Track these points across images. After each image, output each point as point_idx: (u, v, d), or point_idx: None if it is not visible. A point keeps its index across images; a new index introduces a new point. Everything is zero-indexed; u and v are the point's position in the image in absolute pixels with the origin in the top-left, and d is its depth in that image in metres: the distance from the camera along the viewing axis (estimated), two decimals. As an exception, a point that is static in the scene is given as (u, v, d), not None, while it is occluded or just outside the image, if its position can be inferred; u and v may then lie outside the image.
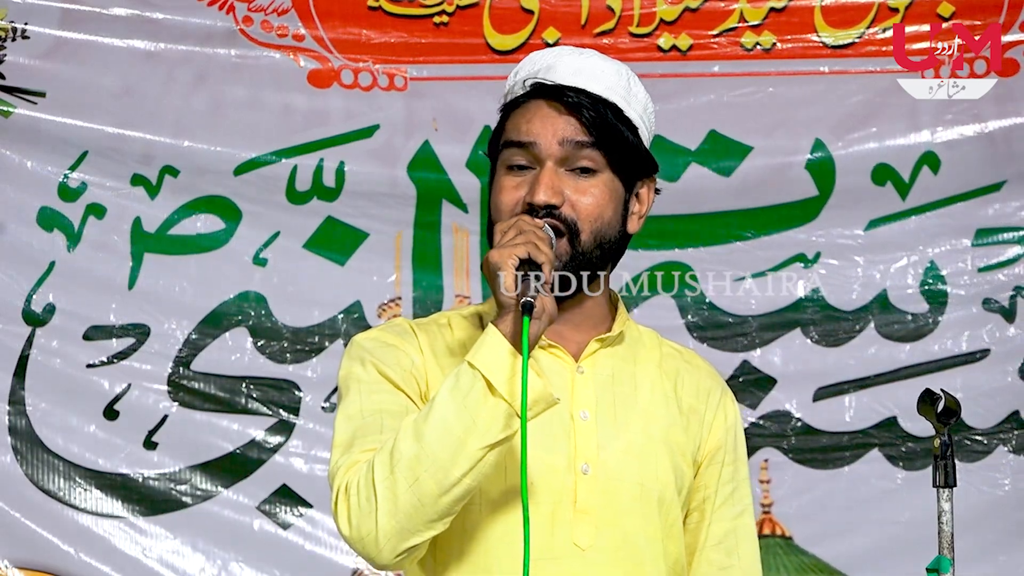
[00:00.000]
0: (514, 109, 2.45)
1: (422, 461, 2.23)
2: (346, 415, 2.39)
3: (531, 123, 2.41)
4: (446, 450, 2.23)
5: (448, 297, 4.54)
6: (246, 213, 4.52)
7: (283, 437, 4.51)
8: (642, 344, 2.56)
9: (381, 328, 2.49)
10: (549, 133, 2.40)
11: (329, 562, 4.48)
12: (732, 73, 4.51)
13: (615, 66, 2.48)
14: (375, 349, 2.43)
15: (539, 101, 2.42)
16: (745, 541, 2.57)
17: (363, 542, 2.27)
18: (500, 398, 2.23)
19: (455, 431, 2.23)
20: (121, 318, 4.51)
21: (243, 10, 4.49)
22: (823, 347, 4.55)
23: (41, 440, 4.48)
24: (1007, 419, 4.54)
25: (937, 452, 2.46)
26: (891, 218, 4.55)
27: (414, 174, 4.51)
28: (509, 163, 2.43)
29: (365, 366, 2.42)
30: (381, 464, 2.25)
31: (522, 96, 2.45)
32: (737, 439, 2.59)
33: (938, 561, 2.43)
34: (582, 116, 2.40)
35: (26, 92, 4.46)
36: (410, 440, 2.24)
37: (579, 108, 2.40)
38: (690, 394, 2.54)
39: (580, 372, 2.46)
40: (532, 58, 2.49)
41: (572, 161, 2.41)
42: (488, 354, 2.25)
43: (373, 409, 2.37)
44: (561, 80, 2.42)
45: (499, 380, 2.24)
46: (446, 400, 2.25)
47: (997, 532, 4.50)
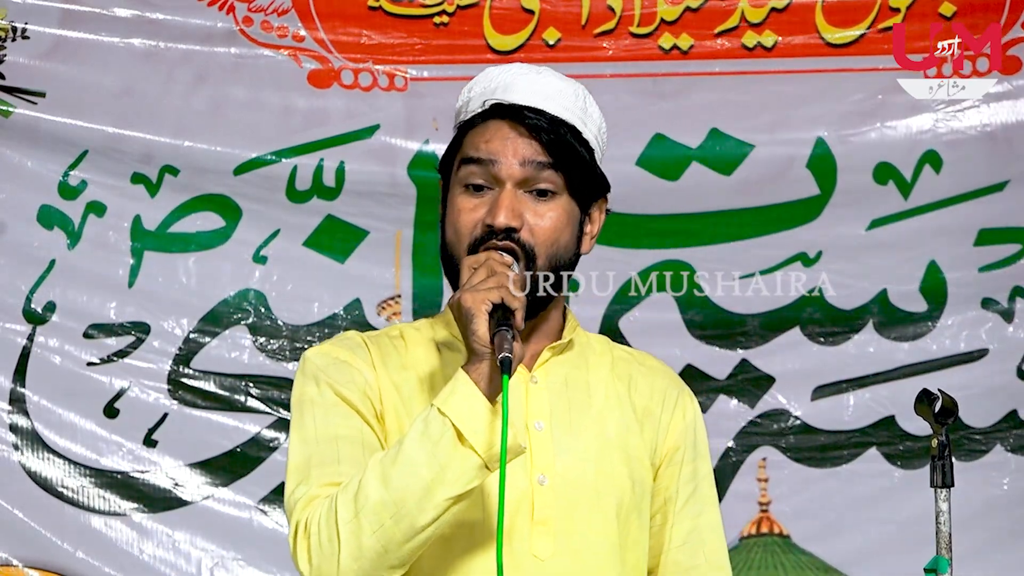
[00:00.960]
0: (471, 128, 2.43)
1: (388, 507, 2.22)
2: (301, 438, 2.38)
3: (491, 143, 2.40)
4: (413, 498, 2.21)
5: (447, 295, 4.52)
6: (246, 211, 4.52)
7: (282, 435, 4.51)
8: (592, 350, 2.55)
9: (333, 342, 2.47)
10: (510, 153, 2.39)
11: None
12: (733, 72, 4.51)
13: (572, 86, 2.47)
14: (328, 367, 2.41)
15: (498, 121, 2.40)
16: (710, 538, 2.56)
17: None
18: (470, 448, 2.22)
19: (423, 479, 2.21)
20: (121, 316, 4.51)
21: (243, 10, 4.49)
22: (822, 346, 4.56)
23: (41, 438, 4.48)
24: (1005, 418, 4.54)
25: (935, 452, 2.47)
26: (893, 218, 4.55)
27: (414, 173, 4.51)
28: (466, 182, 2.41)
29: (319, 386, 2.40)
30: (345, 505, 2.24)
31: (479, 115, 2.43)
32: (697, 436, 2.58)
33: (936, 561, 2.44)
34: (542, 137, 2.38)
35: (26, 92, 4.46)
36: (377, 484, 2.23)
37: (539, 129, 2.38)
38: (644, 396, 2.53)
39: (534, 382, 2.45)
40: (487, 75, 2.47)
41: (531, 183, 2.40)
42: (459, 403, 2.23)
43: (329, 435, 2.36)
44: (519, 100, 2.40)
45: (470, 430, 2.22)
46: (415, 446, 2.23)
47: (995, 531, 4.50)
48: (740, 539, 4.51)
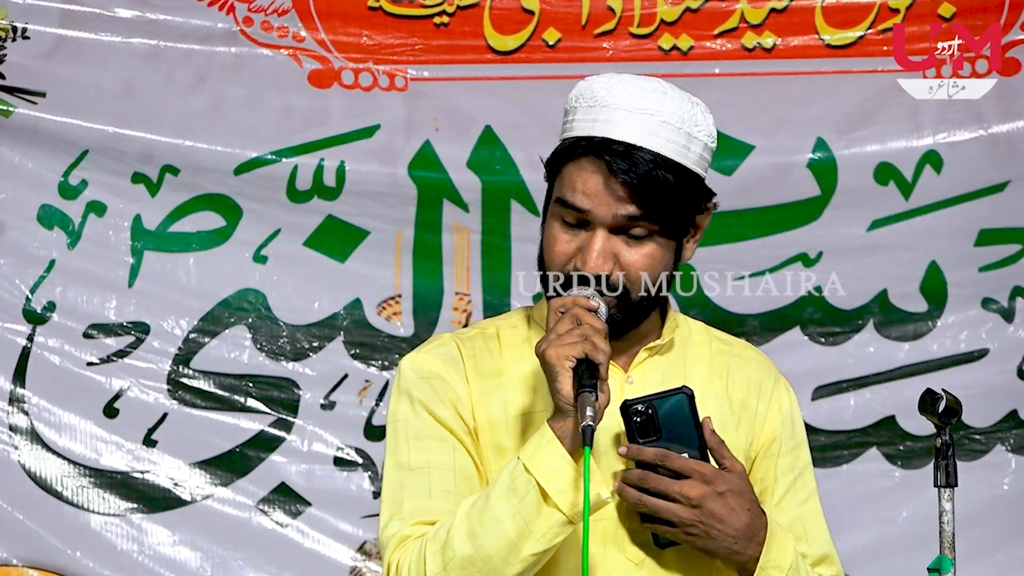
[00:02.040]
0: (570, 159, 2.43)
1: (475, 564, 2.26)
2: (395, 463, 2.42)
3: (586, 190, 2.40)
4: (499, 554, 2.26)
5: (448, 295, 4.54)
6: (246, 211, 4.51)
7: (282, 435, 4.51)
8: (692, 344, 2.57)
9: (428, 351, 2.48)
10: (603, 206, 2.39)
11: (328, 560, 4.48)
12: (733, 73, 4.51)
13: (679, 105, 2.43)
14: (420, 383, 2.44)
15: (595, 162, 2.39)
16: (813, 526, 2.57)
17: None
18: (555, 507, 2.25)
19: (509, 535, 2.26)
20: (121, 316, 4.51)
21: (243, 11, 4.48)
22: (823, 346, 4.55)
23: (41, 438, 4.47)
24: (1005, 418, 4.54)
25: (938, 452, 2.47)
26: (894, 218, 4.54)
27: (415, 174, 4.51)
28: (562, 216, 2.42)
29: (413, 404, 2.43)
30: (433, 558, 2.28)
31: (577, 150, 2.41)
32: (795, 427, 2.60)
33: (939, 561, 2.44)
34: (635, 192, 2.38)
35: (26, 92, 4.45)
36: (464, 539, 2.27)
37: (633, 184, 2.37)
38: (741, 388, 2.54)
39: (629, 382, 2.47)
40: (593, 86, 2.45)
41: (625, 228, 2.41)
42: (544, 461, 2.27)
43: (421, 461, 2.39)
44: (618, 134, 2.39)
45: (554, 490, 2.26)
46: (501, 502, 2.27)
47: (996, 531, 4.50)
48: (741, 539, 4.50)
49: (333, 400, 4.52)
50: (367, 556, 4.48)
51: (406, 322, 4.54)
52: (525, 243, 4.49)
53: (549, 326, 2.32)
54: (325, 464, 4.50)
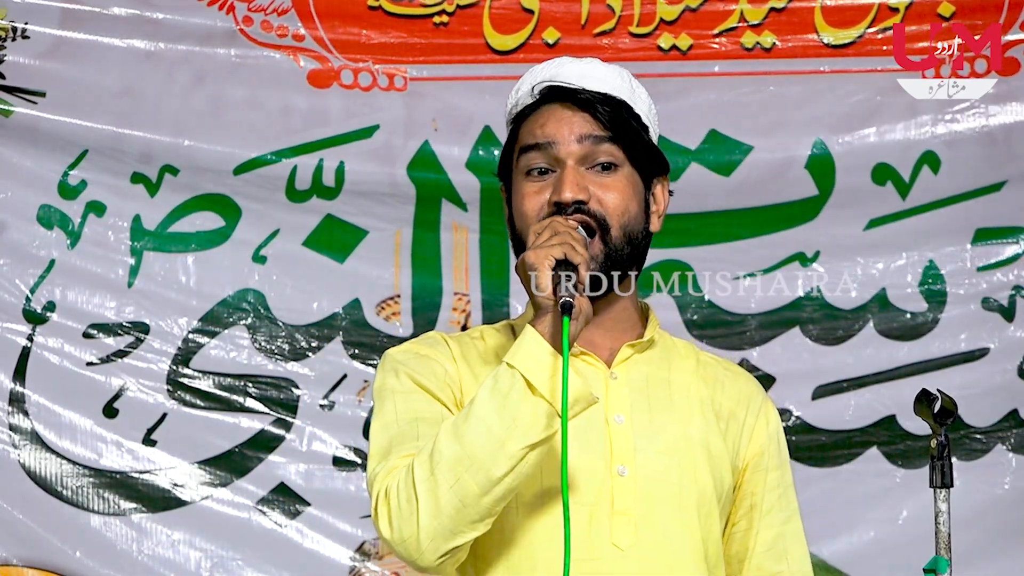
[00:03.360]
0: (524, 119, 2.47)
1: (463, 461, 2.24)
2: (382, 423, 2.41)
3: (546, 126, 2.44)
4: (487, 450, 2.24)
5: (447, 295, 4.54)
6: (245, 211, 4.52)
7: (281, 435, 4.51)
8: (677, 352, 2.57)
9: (413, 341, 2.51)
10: (566, 131, 2.42)
11: (327, 560, 4.48)
12: (732, 72, 4.51)
13: (617, 69, 2.50)
14: (408, 360, 2.45)
15: (551, 105, 2.45)
16: (794, 545, 2.58)
17: (404, 544, 2.28)
18: (540, 397, 2.25)
19: (496, 431, 2.24)
20: (120, 316, 4.51)
21: (243, 10, 4.49)
22: (822, 346, 4.55)
23: (41, 438, 4.48)
24: (1006, 418, 4.54)
25: (934, 452, 2.47)
26: (891, 218, 4.54)
27: (413, 174, 4.51)
28: (528, 168, 2.44)
29: (399, 376, 2.43)
30: (421, 465, 2.27)
31: (531, 104, 2.47)
32: (780, 445, 2.60)
33: (935, 561, 2.44)
34: (596, 112, 2.42)
35: (26, 92, 4.46)
36: (450, 440, 2.26)
37: (592, 104, 2.43)
38: (731, 399, 2.55)
39: (613, 378, 2.47)
40: (533, 71, 2.51)
41: (592, 158, 2.43)
42: (527, 354, 2.26)
43: (409, 417, 2.39)
44: (568, 83, 2.44)
45: (539, 379, 2.25)
46: (485, 400, 2.26)
47: (996, 530, 4.49)
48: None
49: (332, 400, 4.52)
50: (366, 556, 4.49)
51: (405, 322, 4.54)
52: (524, 243, 4.49)
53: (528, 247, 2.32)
54: (324, 464, 4.51)
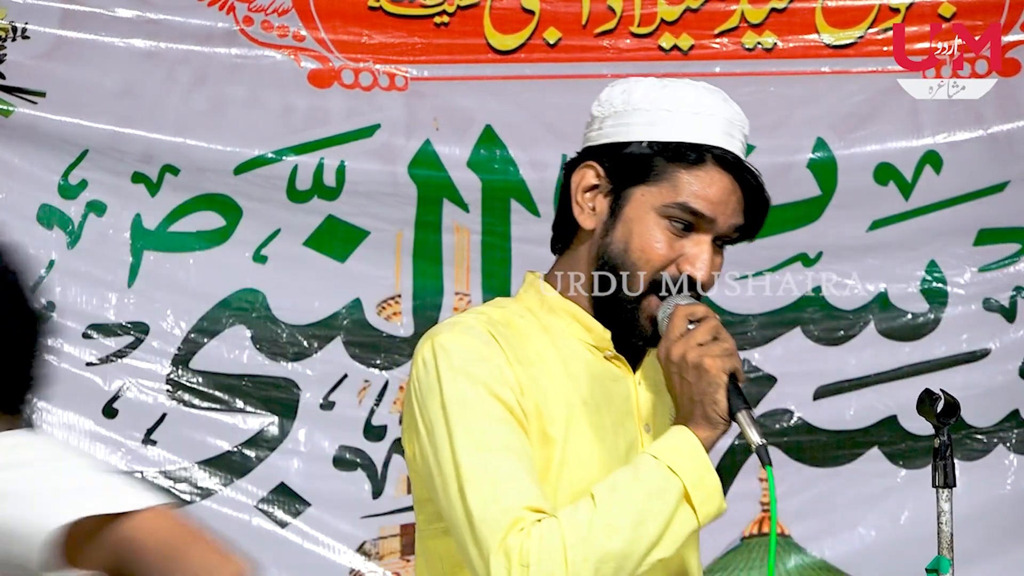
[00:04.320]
0: (686, 162, 2.43)
1: (615, 559, 2.24)
2: (473, 445, 2.31)
3: (716, 198, 2.41)
4: (639, 554, 2.24)
5: (448, 295, 4.54)
6: (246, 211, 4.51)
7: (282, 435, 4.50)
8: None
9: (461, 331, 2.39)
10: (725, 216, 2.42)
11: (327, 561, 4.47)
12: (733, 73, 4.51)
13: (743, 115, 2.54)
14: (475, 364, 2.36)
15: (721, 172, 2.43)
16: None
17: None
18: (694, 514, 2.27)
19: (651, 537, 2.25)
20: (120, 316, 4.50)
21: (243, 10, 4.48)
22: (823, 346, 4.55)
23: (40, 438, 4.47)
24: (1007, 418, 4.54)
25: (936, 452, 2.47)
26: (894, 218, 4.54)
27: (415, 173, 4.51)
28: (674, 216, 2.42)
29: (475, 386, 2.34)
30: (575, 548, 2.23)
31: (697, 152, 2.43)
32: None
33: (937, 561, 2.44)
34: (751, 208, 2.44)
35: (26, 92, 4.45)
36: (607, 533, 2.24)
37: (752, 199, 2.44)
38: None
39: (639, 384, 2.49)
40: (686, 95, 2.46)
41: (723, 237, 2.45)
42: (690, 467, 2.27)
43: (501, 445, 2.32)
44: (729, 145, 2.45)
45: (699, 497, 2.27)
46: (645, 502, 2.26)
47: (998, 531, 4.49)
48: (741, 539, 4.51)
49: (332, 400, 4.51)
50: (366, 556, 4.48)
51: (406, 322, 4.53)
52: (525, 243, 4.49)
53: (673, 331, 2.33)
54: (324, 464, 4.50)
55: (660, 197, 2.42)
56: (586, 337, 2.45)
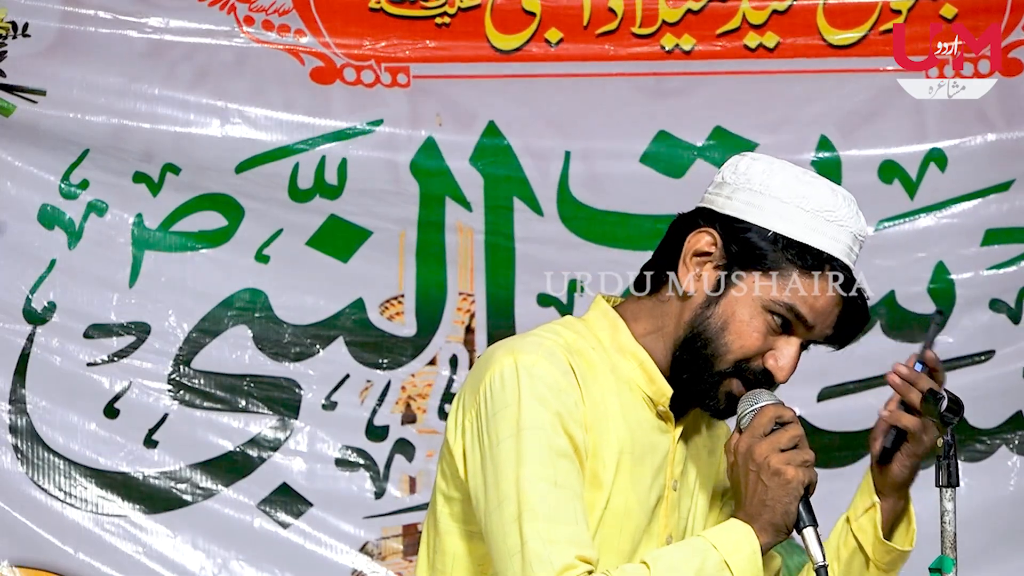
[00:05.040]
0: (806, 266, 2.45)
1: None
2: (538, 475, 2.34)
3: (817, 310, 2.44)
4: None
5: (451, 295, 4.53)
6: (248, 210, 4.51)
7: (284, 436, 4.50)
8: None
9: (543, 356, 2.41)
10: (826, 328, 2.47)
11: (329, 561, 4.47)
12: (736, 71, 4.50)
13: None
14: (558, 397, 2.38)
15: (835, 288, 2.46)
16: None
17: None
18: None
19: None
20: (122, 316, 4.50)
21: (244, 10, 4.49)
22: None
23: (41, 439, 4.47)
24: (1011, 419, 4.54)
25: (940, 452, 2.48)
26: (900, 217, 4.54)
27: (417, 171, 4.51)
28: (777, 313, 2.44)
29: (551, 417, 2.37)
30: None
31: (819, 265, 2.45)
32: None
33: (941, 561, 2.44)
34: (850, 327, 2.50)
35: (27, 90, 4.45)
36: None
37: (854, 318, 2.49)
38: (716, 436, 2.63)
39: (677, 440, 2.52)
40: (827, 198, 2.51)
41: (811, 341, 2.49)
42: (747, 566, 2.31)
43: (564, 483, 2.34)
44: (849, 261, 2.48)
45: None
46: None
47: (1000, 532, 4.50)
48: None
49: (335, 400, 4.51)
50: (369, 557, 4.48)
51: (408, 322, 4.53)
52: (529, 243, 4.49)
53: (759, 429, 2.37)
54: (327, 465, 4.49)
55: (770, 291, 2.44)
56: (647, 388, 2.48)
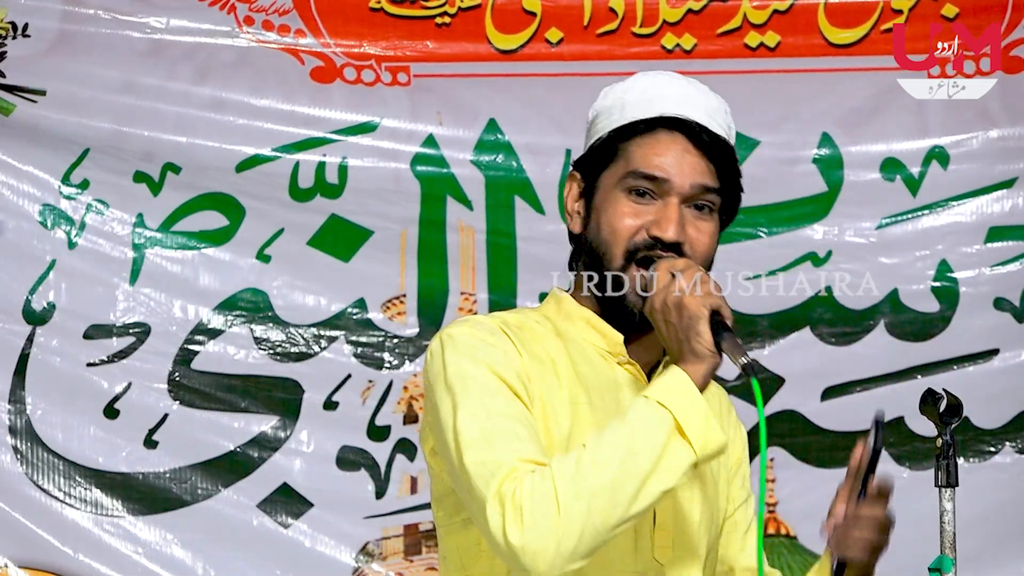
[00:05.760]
0: (634, 135, 2.44)
1: (605, 493, 2.23)
2: (469, 414, 2.33)
3: (663, 156, 2.42)
4: (632, 486, 2.24)
5: (453, 294, 4.54)
6: (249, 210, 4.52)
7: (284, 435, 4.50)
8: None
9: (470, 325, 2.44)
10: (683, 173, 2.41)
11: (330, 561, 4.47)
12: (737, 71, 4.50)
13: (722, 103, 2.50)
14: (480, 347, 2.40)
15: (669, 134, 2.43)
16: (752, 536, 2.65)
17: (532, 555, 2.23)
18: (689, 444, 2.26)
19: (643, 469, 2.24)
20: (122, 317, 4.50)
21: (244, 10, 4.49)
22: (832, 346, 4.54)
23: (41, 439, 4.47)
24: (1016, 419, 4.53)
25: (939, 452, 2.48)
26: (902, 215, 4.54)
27: (418, 170, 4.51)
28: (632, 188, 2.43)
29: (477, 364, 2.37)
30: (565, 485, 2.24)
31: (644, 123, 2.44)
32: (744, 443, 2.67)
33: (940, 560, 2.44)
34: (713, 161, 2.42)
35: (27, 90, 4.46)
36: (597, 470, 2.24)
37: (713, 153, 2.42)
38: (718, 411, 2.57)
39: None
40: (639, 82, 2.49)
41: (694, 199, 2.42)
42: (680, 399, 2.27)
43: (499, 412, 2.34)
44: (688, 114, 2.43)
45: (692, 426, 2.26)
46: (635, 438, 2.26)
47: (1005, 532, 4.49)
48: (747, 540, 4.50)
49: (336, 400, 4.51)
50: (370, 557, 4.48)
51: (410, 322, 4.53)
52: (531, 242, 4.49)
53: (656, 285, 2.33)
54: (327, 464, 4.49)
55: (617, 173, 2.45)
56: (600, 343, 2.46)
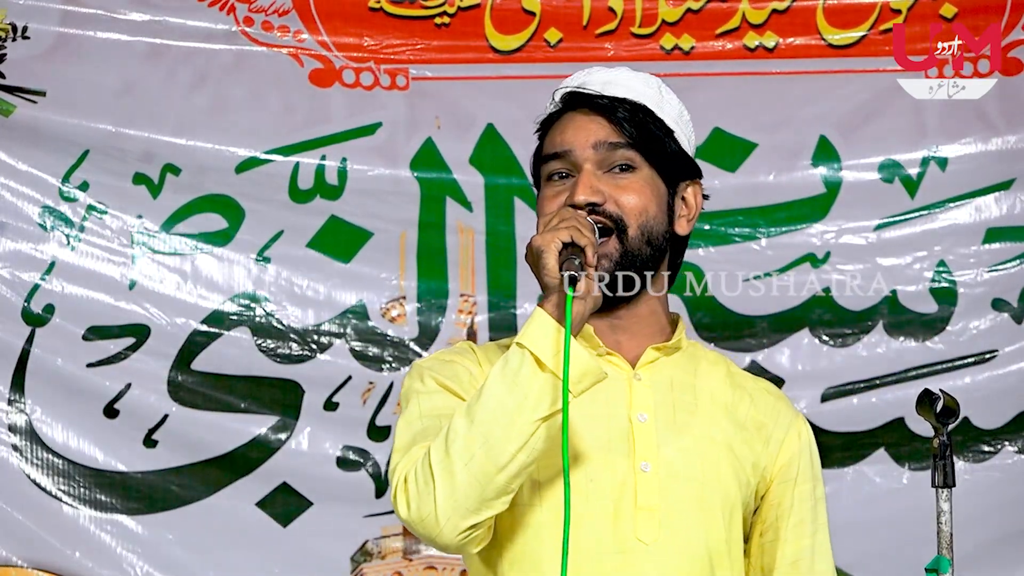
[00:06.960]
0: (550, 126, 2.51)
1: (476, 439, 2.27)
2: (406, 422, 2.42)
3: (565, 133, 2.47)
4: (499, 427, 2.26)
5: (453, 296, 4.54)
6: (249, 212, 4.52)
7: (284, 436, 4.50)
8: (705, 359, 2.59)
9: (442, 351, 2.55)
10: (582, 138, 2.46)
11: (330, 560, 4.48)
12: (735, 72, 4.51)
13: (644, 76, 2.53)
14: (433, 366, 2.48)
15: (571, 113, 2.49)
16: (821, 559, 2.58)
17: (423, 523, 2.30)
18: (549, 372, 2.27)
19: (507, 407, 2.27)
20: (122, 317, 4.51)
21: (243, 11, 4.50)
22: (831, 347, 4.54)
23: (41, 439, 4.48)
24: (1015, 419, 4.53)
25: (936, 452, 2.48)
26: (900, 216, 4.54)
27: (417, 172, 4.51)
28: (550, 173, 2.48)
29: (424, 380, 2.46)
30: (436, 448, 2.29)
31: (555, 112, 2.51)
32: (814, 459, 2.62)
33: (937, 561, 2.43)
34: (613, 117, 2.45)
35: (27, 91, 4.47)
36: (463, 420, 2.28)
37: (610, 110, 2.45)
38: (759, 410, 2.56)
39: (637, 379, 2.49)
40: (563, 82, 2.54)
41: (609, 162, 2.46)
42: (535, 332, 2.29)
43: (432, 413, 2.41)
44: (581, 87, 2.49)
45: (547, 355, 2.27)
46: (496, 380, 2.29)
47: (1004, 532, 4.50)
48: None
49: (336, 401, 4.51)
50: (368, 556, 4.48)
51: (410, 323, 4.53)
52: (530, 243, 4.49)
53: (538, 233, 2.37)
54: (327, 464, 4.50)
55: (541, 169, 2.51)
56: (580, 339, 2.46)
